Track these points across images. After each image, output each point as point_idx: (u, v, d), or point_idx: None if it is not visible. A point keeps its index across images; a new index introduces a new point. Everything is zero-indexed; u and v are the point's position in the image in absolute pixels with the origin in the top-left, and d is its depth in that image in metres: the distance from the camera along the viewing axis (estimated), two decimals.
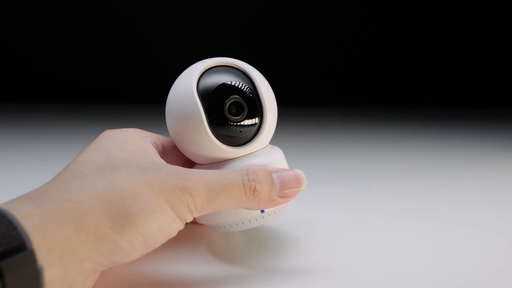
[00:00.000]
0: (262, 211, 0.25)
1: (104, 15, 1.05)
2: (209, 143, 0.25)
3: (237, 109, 0.25)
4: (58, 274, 0.17)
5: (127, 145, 0.23)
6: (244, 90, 0.26)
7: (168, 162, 0.24)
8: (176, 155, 0.27)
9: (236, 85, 0.25)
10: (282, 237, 0.31)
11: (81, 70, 1.07)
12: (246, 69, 0.26)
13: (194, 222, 0.30)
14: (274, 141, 0.30)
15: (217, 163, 0.26)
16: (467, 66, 1.06)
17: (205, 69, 0.26)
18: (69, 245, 0.17)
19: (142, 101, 1.02)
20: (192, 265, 0.27)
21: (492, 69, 1.06)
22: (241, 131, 0.25)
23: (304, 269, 0.26)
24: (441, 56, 1.06)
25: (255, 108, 0.26)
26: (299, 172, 0.24)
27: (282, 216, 0.34)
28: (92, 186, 0.19)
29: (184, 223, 0.21)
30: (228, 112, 0.25)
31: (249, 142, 0.26)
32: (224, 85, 0.25)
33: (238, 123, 0.25)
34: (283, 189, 0.23)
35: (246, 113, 0.25)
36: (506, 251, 0.29)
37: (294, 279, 0.24)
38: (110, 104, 1.05)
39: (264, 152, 0.27)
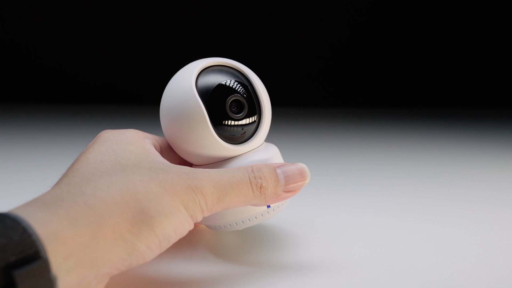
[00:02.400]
0: (268, 206, 0.25)
1: (103, 15, 1.05)
2: (212, 142, 0.25)
3: (238, 108, 0.25)
4: (74, 280, 0.17)
5: (130, 146, 0.22)
6: (243, 88, 0.26)
7: None
8: (172, 157, 0.27)
9: (235, 83, 0.25)
10: (281, 236, 0.31)
11: (80, 70, 1.07)
12: (241, 69, 0.27)
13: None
14: (273, 140, 0.30)
15: (217, 163, 0.26)
16: (466, 66, 1.06)
17: (202, 69, 0.26)
18: (86, 251, 0.17)
19: (142, 102, 1.02)
20: (192, 265, 0.27)
21: (491, 69, 1.05)
22: (242, 129, 0.25)
23: (304, 267, 0.26)
24: (439, 56, 1.06)
25: (254, 106, 0.26)
26: (302, 165, 0.24)
27: (281, 216, 0.34)
28: (107, 188, 0.19)
29: (194, 223, 0.21)
30: (229, 110, 0.25)
31: (249, 140, 0.26)
32: (223, 84, 0.25)
33: (240, 121, 0.25)
34: (288, 183, 0.23)
35: (246, 111, 0.25)
36: (506, 251, 0.29)
37: (293, 277, 0.24)
38: (109, 104, 1.06)
39: (262, 148, 0.27)
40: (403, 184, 0.46)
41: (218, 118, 0.25)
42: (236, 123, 0.25)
